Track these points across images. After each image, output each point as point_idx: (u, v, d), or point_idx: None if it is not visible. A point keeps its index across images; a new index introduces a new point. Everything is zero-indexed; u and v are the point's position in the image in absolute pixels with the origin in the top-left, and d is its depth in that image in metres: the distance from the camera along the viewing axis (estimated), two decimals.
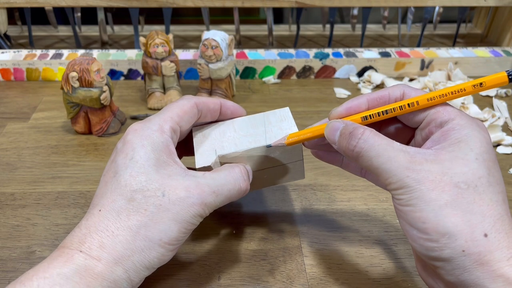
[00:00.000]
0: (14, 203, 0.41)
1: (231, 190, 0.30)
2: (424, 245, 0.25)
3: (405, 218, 0.26)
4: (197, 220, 0.29)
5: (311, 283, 0.34)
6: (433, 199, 0.25)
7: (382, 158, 0.26)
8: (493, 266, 0.23)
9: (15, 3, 0.65)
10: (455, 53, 0.65)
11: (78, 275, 0.25)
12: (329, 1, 0.66)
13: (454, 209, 0.24)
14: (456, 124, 0.27)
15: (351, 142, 0.27)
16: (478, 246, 0.24)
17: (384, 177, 0.26)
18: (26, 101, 0.58)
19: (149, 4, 0.65)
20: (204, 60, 0.54)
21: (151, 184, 0.28)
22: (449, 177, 0.25)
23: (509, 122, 0.54)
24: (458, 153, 0.26)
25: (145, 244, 0.27)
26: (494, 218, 0.24)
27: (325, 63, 0.64)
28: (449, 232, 0.24)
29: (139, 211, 0.27)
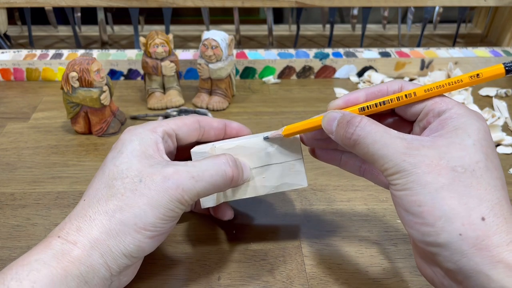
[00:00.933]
0: (14, 203, 0.41)
1: (213, 175, 0.29)
2: (420, 230, 0.25)
3: (401, 203, 0.26)
4: (176, 206, 0.28)
5: (311, 283, 0.34)
6: (429, 182, 0.24)
7: (378, 144, 0.26)
8: (492, 252, 0.23)
9: (15, 3, 0.65)
10: (455, 53, 0.65)
11: (55, 259, 0.26)
12: (329, 1, 0.66)
13: (451, 192, 0.24)
14: (453, 113, 0.27)
15: (348, 130, 0.27)
16: (476, 230, 0.23)
17: (381, 163, 0.26)
18: (26, 101, 0.58)
19: (149, 4, 0.65)
20: (204, 60, 0.54)
21: (131, 172, 0.29)
22: (445, 161, 0.25)
23: (509, 122, 0.54)
24: (455, 139, 0.26)
25: (120, 228, 0.27)
26: (492, 203, 0.24)
27: (325, 63, 0.64)
28: (445, 215, 0.24)
29: (116, 196, 0.28)
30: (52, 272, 0.25)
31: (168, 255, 0.36)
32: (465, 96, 0.57)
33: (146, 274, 0.34)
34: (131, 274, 0.30)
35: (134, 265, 0.30)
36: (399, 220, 0.29)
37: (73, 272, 0.26)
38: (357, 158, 0.33)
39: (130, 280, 0.31)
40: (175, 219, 0.29)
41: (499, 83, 0.63)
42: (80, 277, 0.26)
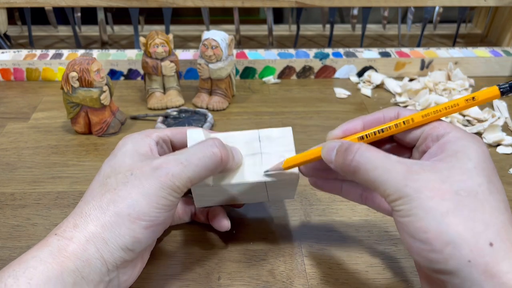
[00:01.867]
0: (14, 203, 0.41)
1: (201, 158, 0.29)
2: (428, 258, 0.24)
3: (407, 230, 0.25)
4: (168, 194, 0.28)
5: (311, 283, 0.34)
6: (433, 207, 0.24)
7: (379, 170, 0.26)
8: (503, 278, 0.22)
9: (15, 3, 0.65)
10: (455, 53, 0.65)
11: (52, 256, 0.26)
12: (329, 1, 0.66)
13: (456, 217, 0.24)
14: (452, 137, 0.27)
15: (347, 157, 0.27)
16: (485, 256, 0.23)
17: (382, 189, 0.26)
18: (26, 101, 0.58)
19: (149, 4, 0.65)
20: (204, 60, 0.54)
21: (123, 168, 0.30)
22: (448, 185, 0.24)
23: (509, 122, 0.54)
24: (456, 162, 0.25)
25: (115, 220, 0.27)
26: (497, 227, 0.24)
27: (325, 63, 0.64)
28: (453, 241, 0.23)
29: (110, 190, 0.29)
30: (48, 268, 0.25)
31: (168, 255, 0.36)
32: (459, 111, 0.57)
33: (146, 274, 0.34)
34: (130, 273, 0.30)
35: (134, 263, 0.30)
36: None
37: (69, 267, 0.26)
38: (358, 186, 0.33)
39: (131, 282, 0.30)
40: (170, 208, 0.29)
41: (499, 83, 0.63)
42: (76, 272, 0.26)
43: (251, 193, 0.34)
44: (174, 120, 0.53)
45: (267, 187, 0.34)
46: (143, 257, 0.32)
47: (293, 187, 0.34)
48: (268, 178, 0.32)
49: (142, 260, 0.32)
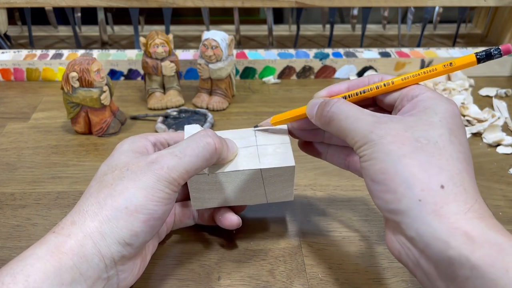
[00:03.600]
0: (14, 203, 0.41)
1: (195, 148, 0.30)
2: (384, 198, 0.26)
3: (368, 173, 0.27)
4: (165, 186, 0.28)
5: (311, 283, 0.34)
6: (392, 150, 0.26)
7: (350, 119, 0.28)
8: (450, 219, 0.23)
9: (15, 3, 0.65)
10: (455, 53, 0.65)
11: (49, 253, 0.26)
12: (329, 1, 0.66)
13: (412, 160, 0.25)
14: (425, 96, 0.28)
15: (325, 109, 0.29)
16: (434, 196, 0.24)
17: (351, 136, 0.28)
18: (26, 101, 0.58)
19: (149, 4, 0.65)
20: (204, 60, 0.54)
21: (119, 165, 0.30)
22: (410, 133, 0.26)
23: (509, 122, 0.54)
24: (423, 116, 0.27)
25: (112, 214, 0.27)
26: (452, 173, 0.25)
27: (325, 63, 0.64)
28: (406, 181, 0.25)
29: (107, 186, 0.29)
30: (46, 266, 0.25)
31: (168, 255, 0.36)
32: (465, 96, 0.57)
33: (146, 274, 0.34)
34: (130, 271, 0.30)
35: (133, 262, 0.30)
36: None
37: (66, 263, 0.26)
38: (341, 151, 0.35)
39: (132, 281, 0.30)
40: (167, 201, 0.29)
41: (499, 83, 0.63)
42: (74, 268, 0.26)
43: (248, 190, 0.34)
44: (174, 120, 0.53)
45: (264, 181, 0.34)
46: (143, 257, 0.32)
47: (290, 182, 0.34)
48: (264, 165, 0.33)
49: (143, 260, 0.32)
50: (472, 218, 0.23)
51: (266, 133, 0.35)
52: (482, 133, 0.51)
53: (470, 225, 0.23)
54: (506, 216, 0.40)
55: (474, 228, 0.23)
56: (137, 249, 0.29)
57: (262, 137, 0.35)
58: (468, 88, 0.61)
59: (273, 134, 0.35)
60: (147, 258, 0.33)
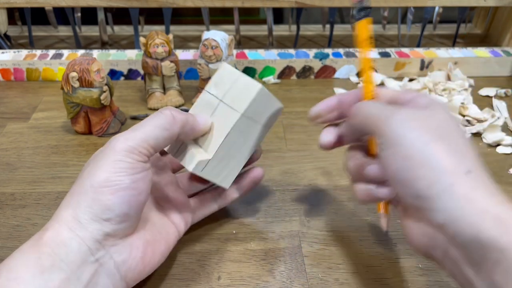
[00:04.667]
0: (14, 203, 0.41)
1: (150, 119, 0.30)
2: (414, 185, 0.25)
3: (393, 161, 0.27)
4: (124, 155, 0.29)
5: (311, 283, 0.34)
6: (417, 136, 0.26)
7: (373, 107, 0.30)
8: (481, 202, 0.24)
9: (15, 3, 0.65)
10: (455, 53, 0.65)
11: (31, 246, 0.27)
12: (329, 1, 0.66)
13: (438, 146, 0.26)
14: (421, 97, 0.30)
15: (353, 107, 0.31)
16: (464, 182, 0.24)
17: (373, 122, 0.28)
18: (26, 101, 0.58)
19: (149, 4, 0.65)
20: (204, 60, 0.54)
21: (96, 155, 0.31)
22: (431, 120, 0.27)
23: (509, 122, 0.54)
24: (433, 108, 0.28)
25: (80, 197, 0.28)
26: (472, 160, 0.26)
27: (325, 63, 0.64)
28: (436, 166, 0.25)
29: (76, 182, 0.29)
30: (27, 256, 0.26)
31: (168, 255, 0.36)
32: (465, 96, 0.57)
33: None
34: (128, 253, 0.29)
35: (127, 242, 0.29)
36: (399, 220, 0.29)
37: (45, 251, 0.26)
38: None
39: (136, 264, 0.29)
40: (132, 171, 0.29)
41: (499, 83, 0.63)
42: (53, 255, 0.26)
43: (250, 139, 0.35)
44: None
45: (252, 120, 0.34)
46: (148, 242, 0.31)
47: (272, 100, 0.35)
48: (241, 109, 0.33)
49: (148, 245, 0.31)
50: (498, 202, 0.24)
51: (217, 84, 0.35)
52: (482, 133, 0.51)
53: (499, 209, 0.23)
54: None
55: (503, 211, 0.23)
56: (120, 224, 0.28)
57: (217, 90, 0.34)
58: (468, 88, 0.61)
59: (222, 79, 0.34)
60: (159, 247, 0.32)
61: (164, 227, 0.34)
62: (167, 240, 0.33)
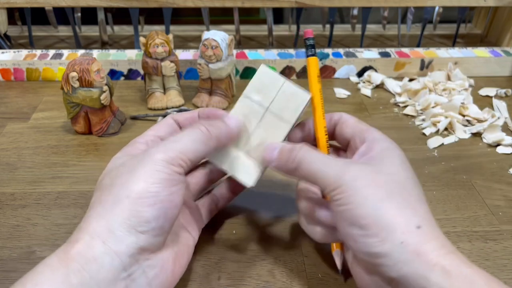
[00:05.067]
0: (14, 203, 0.41)
1: (189, 133, 0.30)
2: (366, 242, 0.26)
3: (345, 218, 0.27)
4: (163, 166, 0.28)
5: (311, 283, 0.34)
6: (370, 194, 0.27)
7: (319, 162, 0.29)
8: (429, 256, 0.25)
9: (15, 3, 0.65)
10: (455, 53, 0.65)
11: (58, 260, 0.25)
12: (329, 1, 0.66)
13: (390, 203, 0.27)
14: (379, 139, 0.31)
15: (292, 154, 0.30)
16: (414, 237, 0.25)
17: (322, 180, 0.29)
18: (26, 101, 0.58)
19: (149, 4, 0.65)
20: (204, 60, 0.54)
21: (116, 165, 0.30)
22: (382, 176, 0.28)
23: (509, 122, 0.54)
24: (386, 158, 0.29)
25: (115, 207, 0.27)
26: (422, 213, 0.27)
27: (325, 63, 0.64)
28: (388, 225, 0.26)
29: (106, 188, 0.28)
30: (54, 272, 0.25)
31: None
32: (465, 96, 0.57)
33: None
34: (160, 268, 0.28)
35: (160, 257, 0.28)
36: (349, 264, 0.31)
37: (74, 267, 0.25)
38: None
39: (166, 281, 0.29)
40: (170, 182, 0.28)
41: (499, 83, 0.63)
42: (82, 271, 0.25)
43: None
44: None
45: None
46: (177, 254, 0.30)
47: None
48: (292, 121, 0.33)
49: (177, 257, 0.30)
50: (446, 253, 0.25)
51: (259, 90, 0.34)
52: (482, 133, 0.51)
53: (447, 260, 0.25)
54: (506, 216, 0.40)
55: (450, 263, 0.25)
56: (155, 237, 0.27)
57: (260, 97, 0.33)
58: (468, 88, 0.61)
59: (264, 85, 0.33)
60: (183, 261, 0.31)
61: (185, 238, 0.33)
62: (189, 251, 0.33)
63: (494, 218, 0.40)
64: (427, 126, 0.53)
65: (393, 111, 0.57)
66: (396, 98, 0.60)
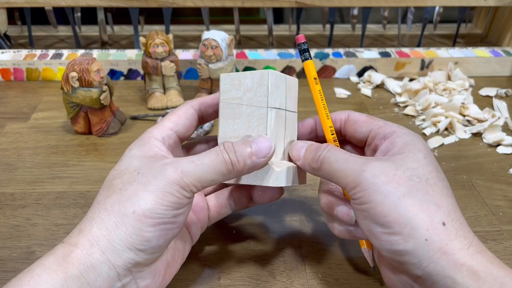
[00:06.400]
0: (14, 203, 0.41)
1: (213, 159, 0.28)
2: (389, 240, 0.26)
3: (367, 216, 0.27)
4: (176, 190, 0.27)
5: (311, 283, 0.34)
6: (390, 192, 0.26)
7: (340, 161, 0.28)
8: (456, 255, 0.24)
9: (15, 3, 0.65)
10: (455, 53, 0.65)
11: (56, 262, 0.25)
12: (329, 1, 0.66)
13: (412, 199, 0.26)
14: (400, 133, 0.30)
15: (317, 153, 0.30)
16: (439, 234, 0.25)
17: (342, 178, 0.28)
18: (26, 101, 0.58)
19: (149, 4, 0.65)
20: (204, 60, 0.54)
21: (129, 168, 0.28)
22: (402, 171, 0.27)
23: (509, 122, 0.54)
24: (408, 153, 0.28)
25: (119, 220, 0.26)
26: (447, 208, 0.26)
27: (325, 63, 0.64)
28: (411, 222, 0.25)
29: (115, 192, 0.27)
30: (52, 276, 0.25)
31: None
32: (465, 96, 0.57)
33: None
34: (151, 279, 0.28)
35: (153, 269, 0.28)
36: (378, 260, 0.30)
37: (73, 273, 0.25)
38: None
39: None
40: (178, 206, 0.27)
41: (499, 83, 0.63)
42: (81, 278, 0.25)
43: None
44: None
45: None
46: (168, 263, 0.30)
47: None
48: None
49: (169, 266, 0.30)
50: (474, 253, 0.24)
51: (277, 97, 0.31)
52: (482, 133, 0.51)
53: (474, 260, 0.24)
54: (506, 216, 0.40)
55: (478, 263, 0.24)
56: (152, 254, 0.27)
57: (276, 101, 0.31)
58: (468, 88, 0.61)
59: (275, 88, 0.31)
60: (176, 265, 0.31)
61: (182, 242, 0.32)
62: (183, 256, 0.32)
63: (494, 218, 0.40)
64: (427, 126, 0.53)
65: (393, 111, 0.57)
66: (396, 98, 0.60)
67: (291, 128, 0.33)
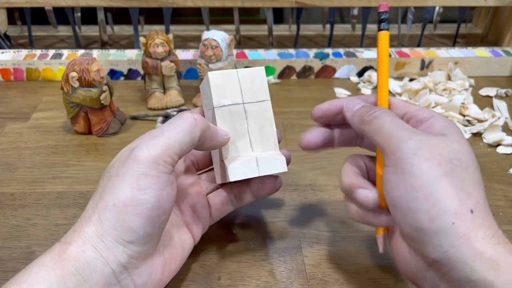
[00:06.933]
0: (14, 203, 0.41)
1: (172, 123, 0.29)
2: (415, 217, 0.25)
3: (397, 187, 0.26)
4: (149, 168, 0.27)
5: (311, 283, 0.34)
6: (429, 168, 0.25)
7: (394, 122, 0.28)
8: (477, 243, 0.24)
9: (15, 3, 0.65)
10: (455, 53, 0.65)
11: (53, 260, 0.25)
12: (329, 1, 0.66)
13: (447, 181, 0.25)
14: (438, 117, 0.29)
15: (373, 109, 0.30)
16: (466, 220, 0.24)
17: (387, 139, 0.27)
18: (26, 101, 0.58)
19: (149, 4, 0.65)
20: (204, 60, 0.54)
21: (110, 164, 0.29)
22: (446, 152, 0.26)
23: (509, 122, 0.54)
24: (452, 136, 0.27)
25: (103, 215, 0.26)
26: (477, 198, 0.26)
27: (325, 63, 0.64)
28: (441, 202, 0.25)
29: (99, 190, 0.28)
30: (50, 273, 0.25)
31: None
32: (465, 96, 0.57)
33: None
34: (148, 276, 0.28)
35: (149, 264, 0.28)
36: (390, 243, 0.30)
37: (69, 270, 0.25)
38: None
39: (151, 286, 0.29)
40: (158, 186, 0.27)
41: (499, 83, 0.63)
42: (77, 275, 0.25)
43: None
44: None
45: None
46: (166, 261, 0.30)
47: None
48: None
49: (166, 264, 0.30)
50: (496, 243, 0.24)
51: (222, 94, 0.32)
52: (482, 133, 0.51)
53: (495, 250, 0.24)
54: (506, 216, 0.40)
55: (498, 253, 0.23)
56: (143, 245, 0.27)
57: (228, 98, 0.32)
58: (468, 88, 0.61)
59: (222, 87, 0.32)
60: (175, 264, 0.31)
61: (182, 241, 0.32)
62: (183, 255, 0.32)
63: (495, 218, 0.40)
64: None
65: None
66: (396, 98, 0.59)
67: (257, 118, 0.33)
